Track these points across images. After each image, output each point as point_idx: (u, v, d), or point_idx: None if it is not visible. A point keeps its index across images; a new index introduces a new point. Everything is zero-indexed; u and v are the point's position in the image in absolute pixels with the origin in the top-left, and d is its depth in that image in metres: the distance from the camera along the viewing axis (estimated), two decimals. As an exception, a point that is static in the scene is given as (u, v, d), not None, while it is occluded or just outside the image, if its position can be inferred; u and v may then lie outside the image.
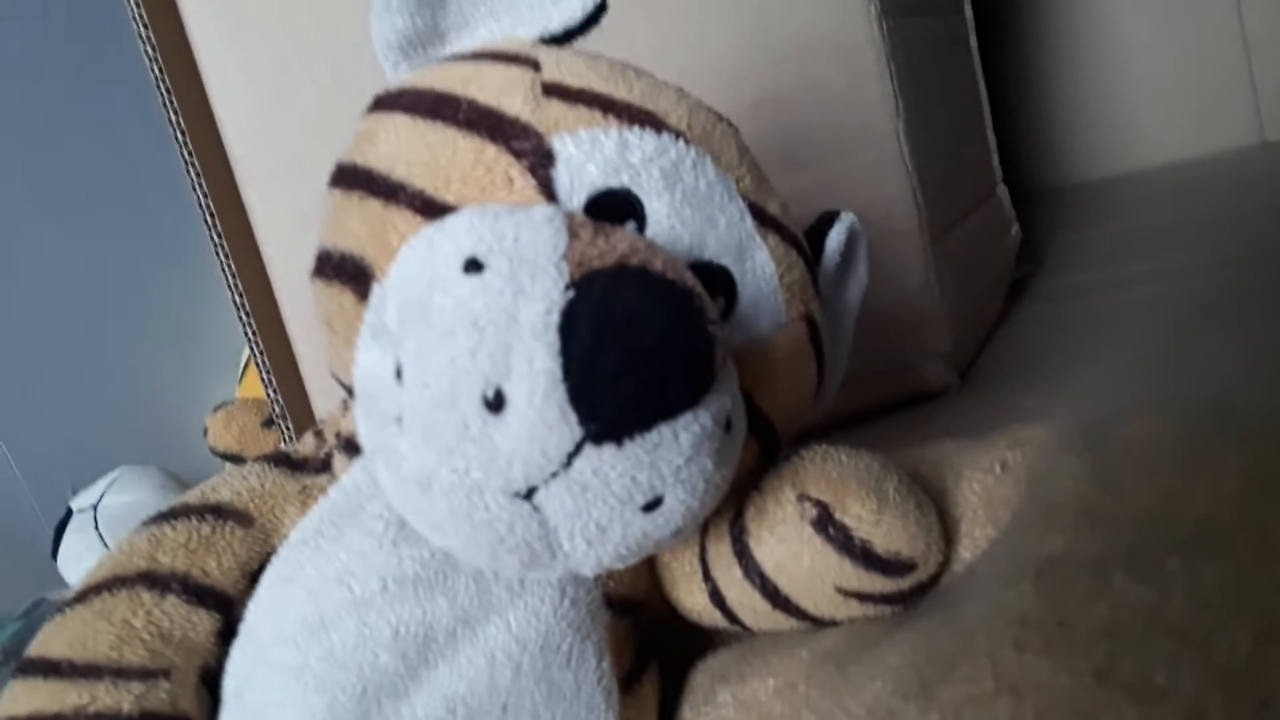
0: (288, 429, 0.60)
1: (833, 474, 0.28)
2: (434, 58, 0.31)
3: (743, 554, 0.29)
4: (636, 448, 0.22)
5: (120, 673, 0.27)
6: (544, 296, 0.22)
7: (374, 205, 0.28)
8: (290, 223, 0.54)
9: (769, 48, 0.51)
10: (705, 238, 0.27)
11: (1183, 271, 0.61)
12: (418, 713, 0.26)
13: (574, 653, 0.28)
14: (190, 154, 0.55)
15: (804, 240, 0.31)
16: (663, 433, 0.22)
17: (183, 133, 0.55)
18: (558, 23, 0.31)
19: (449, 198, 0.27)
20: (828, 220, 0.33)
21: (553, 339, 0.22)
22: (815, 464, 0.28)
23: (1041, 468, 0.29)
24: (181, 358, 0.96)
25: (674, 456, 0.23)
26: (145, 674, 0.27)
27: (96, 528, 0.79)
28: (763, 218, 0.29)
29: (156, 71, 0.54)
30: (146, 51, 0.54)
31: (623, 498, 0.23)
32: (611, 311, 0.22)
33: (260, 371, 0.59)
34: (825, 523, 0.27)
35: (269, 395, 0.60)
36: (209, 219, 0.56)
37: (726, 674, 0.30)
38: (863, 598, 0.28)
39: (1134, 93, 0.93)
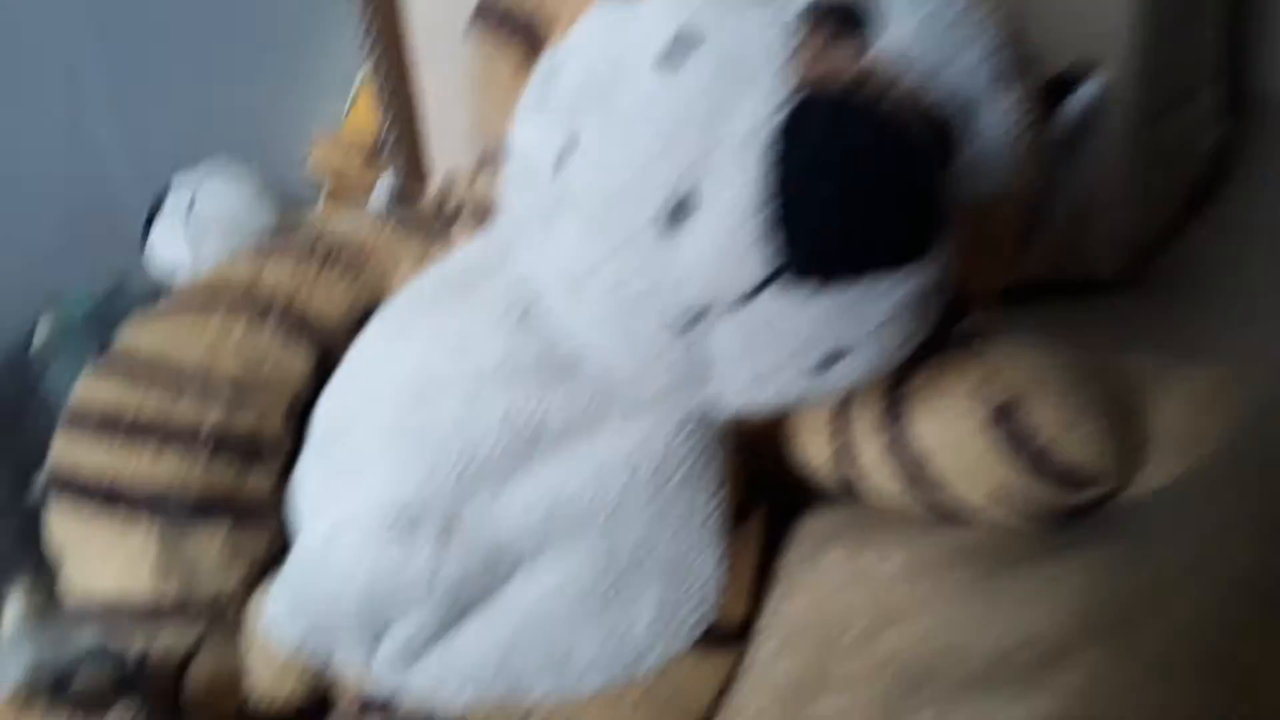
0: (396, 166, 0.56)
1: (1025, 364, 0.24)
2: None
3: (896, 423, 0.25)
4: (832, 297, 0.19)
5: (207, 387, 0.25)
6: (763, 100, 0.18)
7: None
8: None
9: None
10: (943, 73, 0.23)
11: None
12: (515, 504, 0.24)
13: (690, 479, 0.25)
14: None
15: (1043, 96, 0.26)
16: (872, 285, 0.19)
17: None
18: None
19: None
20: (1072, 78, 0.27)
21: (765, 149, 0.18)
22: (1009, 348, 0.25)
23: (1262, 415, 0.25)
24: (297, 73, 0.92)
25: (872, 314, 0.19)
26: (233, 394, 0.25)
27: (190, 213, 0.79)
28: (1009, 64, 0.24)
29: None
30: None
31: (797, 350, 0.20)
32: (838, 134, 0.18)
33: (377, 97, 0.56)
34: (1008, 415, 0.24)
35: (382, 123, 0.57)
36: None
37: (838, 535, 0.27)
38: (1022, 504, 0.25)
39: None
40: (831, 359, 0.20)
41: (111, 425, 0.25)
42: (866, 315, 0.19)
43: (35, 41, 0.80)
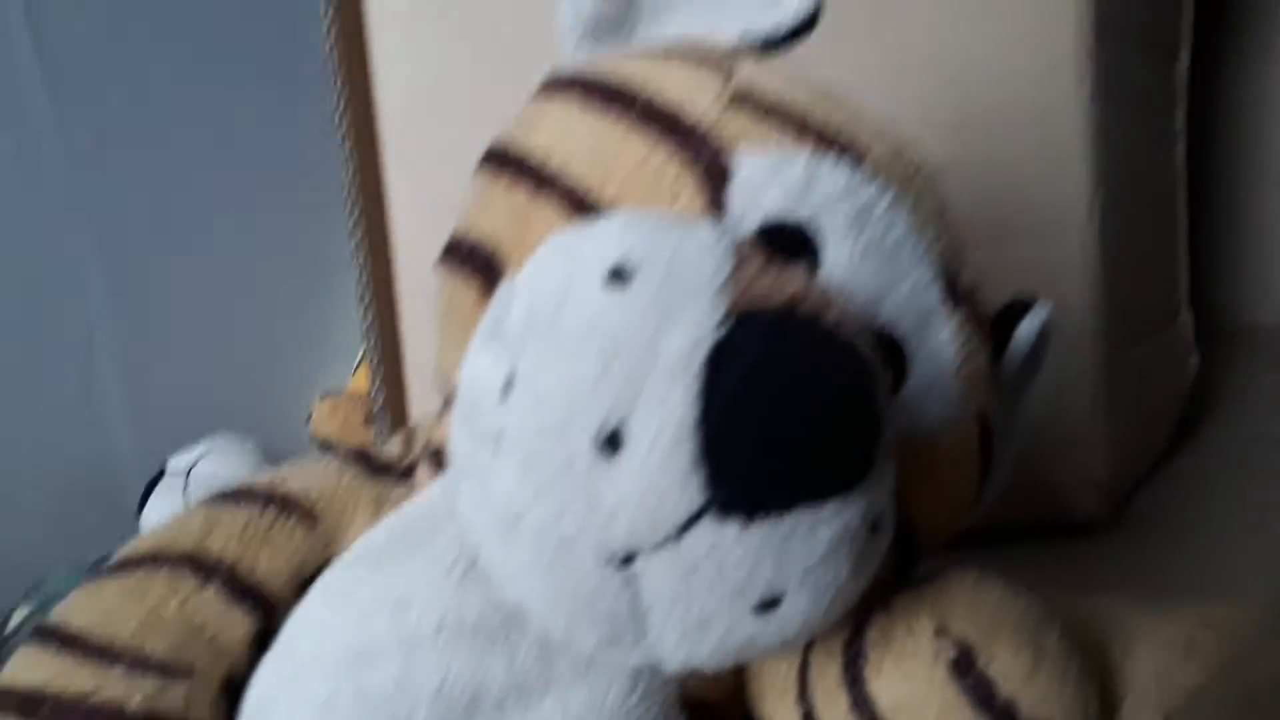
0: (383, 429, 0.58)
1: (984, 611, 0.23)
2: (619, 45, 0.29)
3: (855, 682, 0.24)
4: (766, 532, 0.18)
5: (137, 662, 0.24)
6: (693, 327, 0.18)
7: (521, 193, 0.25)
8: (427, 213, 0.51)
9: (960, 107, 0.46)
10: (884, 299, 0.23)
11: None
12: (446, 785, 0.22)
13: (642, 748, 0.23)
14: (346, 127, 0.54)
15: (990, 326, 0.27)
16: (800, 520, 0.18)
17: (344, 103, 0.53)
18: (762, 25, 0.28)
19: (605, 198, 0.24)
20: (1019, 309, 0.28)
21: (693, 379, 0.18)
22: (964, 594, 0.23)
23: (1240, 656, 0.23)
24: (305, 339, 0.96)
25: (807, 552, 0.19)
26: (164, 670, 0.24)
27: (185, 492, 0.79)
28: (953, 290, 0.25)
29: (330, 43, 0.53)
30: (324, 21, 0.53)
31: (736, 589, 0.19)
32: (770, 360, 0.18)
33: (370, 365, 0.58)
34: (965, 668, 0.22)
35: (372, 390, 0.58)
36: (350, 199, 0.55)
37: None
38: (995, 766, 0.23)
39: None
40: (769, 603, 0.19)
41: (33, 708, 0.23)
42: (799, 554, 0.19)
43: (53, 315, 0.83)
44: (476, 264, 0.25)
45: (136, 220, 0.86)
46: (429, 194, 0.51)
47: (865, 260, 0.23)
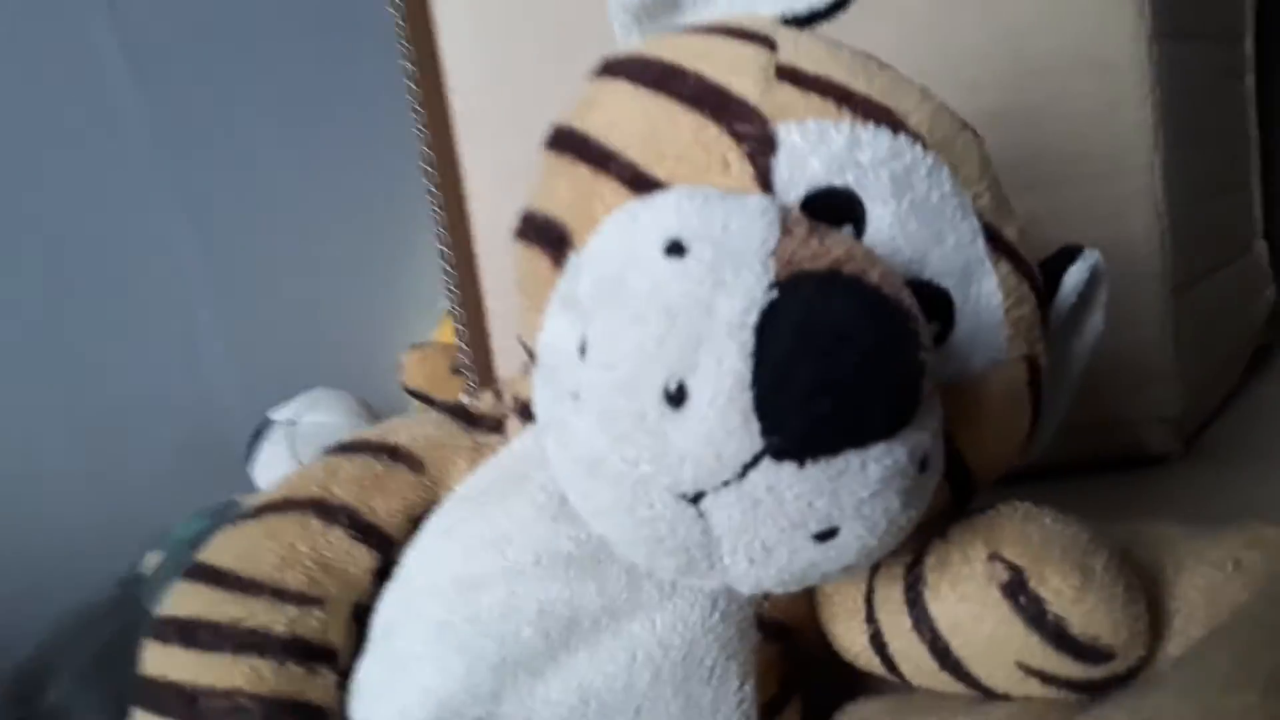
0: (472, 380, 0.61)
1: (1034, 537, 0.25)
2: (667, 26, 0.30)
3: (915, 603, 0.26)
4: (819, 471, 0.21)
5: (279, 593, 0.27)
6: (745, 292, 0.21)
7: (583, 172, 0.27)
8: (498, 179, 0.54)
9: (1018, 57, 0.47)
10: (929, 255, 0.25)
11: None
12: (551, 695, 0.25)
13: (717, 669, 0.26)
14: (418, 100, 0.56)
15: (1038, 273, 0.28)
16: (850, 460, 0.21)
17: (415, 82, 0.56)
18: (802, 3, 0.29)
19: (660, 174, 0.26)
20: (1068, 255, 0.30)
21: (747, 339, 0.20)
22: (1014, 523, 0.25)
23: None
24: (390, 294, 1.00)
25: (858, 488, 0.21)
26: (302, 599, 0.28)
27: (292, 442, 0.84)
28: (997, 242, 0.26)
29: (399, 20, 0.55)
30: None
31: (795, 521, 0.21)
32: (815, 319, 0.20)
33: (454, 320, 0.61)
34: (1017, 590, 0.24)
35: (459, 344, 0.61)
36: (426, 166, 0.58)
37: (874, 724, 0.27)
38: (1046, 678, 0.25)
39: None
40: (827, 533, 0.22)
41: (191, 635, 0.27)
42: (850, 490, 0.21)
43: (153, 287, 0.89)
44: (547, 238, 0.27)
45: (223, 192, 0.91)
46: (498, 158, 0.54)
47: (908, 220, 0.25)
